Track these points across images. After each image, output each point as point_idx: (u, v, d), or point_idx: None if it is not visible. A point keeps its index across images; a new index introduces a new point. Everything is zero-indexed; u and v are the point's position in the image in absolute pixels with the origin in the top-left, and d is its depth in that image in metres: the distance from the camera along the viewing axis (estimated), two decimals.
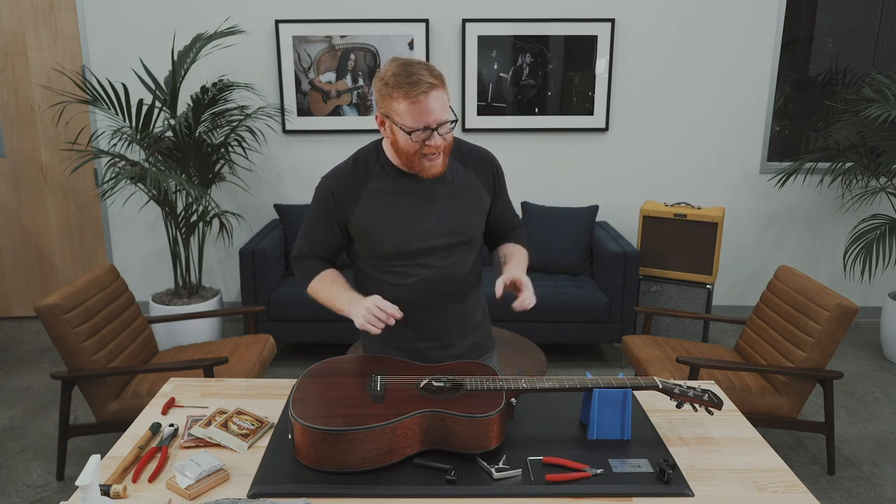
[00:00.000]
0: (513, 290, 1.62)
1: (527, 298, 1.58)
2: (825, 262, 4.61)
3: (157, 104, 4.02)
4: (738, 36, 4.24)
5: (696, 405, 1.57)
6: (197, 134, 3.74)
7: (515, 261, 1.70)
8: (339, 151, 4.41)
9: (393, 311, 1.50)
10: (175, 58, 4.11)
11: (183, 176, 3.70)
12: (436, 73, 1.49)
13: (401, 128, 1.50)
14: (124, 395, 2.70)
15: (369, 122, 4.33)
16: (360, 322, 1.51)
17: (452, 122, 1.53)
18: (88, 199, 4.45)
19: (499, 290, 1.58)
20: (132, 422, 2.54)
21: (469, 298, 1.75)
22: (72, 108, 4.30)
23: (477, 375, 1.54)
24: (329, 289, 1.66)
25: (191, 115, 3.63)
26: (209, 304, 3.91)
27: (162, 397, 1.75)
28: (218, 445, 1.51)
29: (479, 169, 1.70)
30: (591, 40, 4.21)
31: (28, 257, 4.51)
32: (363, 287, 1.73)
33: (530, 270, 4.19)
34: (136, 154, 4.32)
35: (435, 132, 1.50)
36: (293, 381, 1.85)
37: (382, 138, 1.66)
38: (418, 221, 1.62)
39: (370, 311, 1.50)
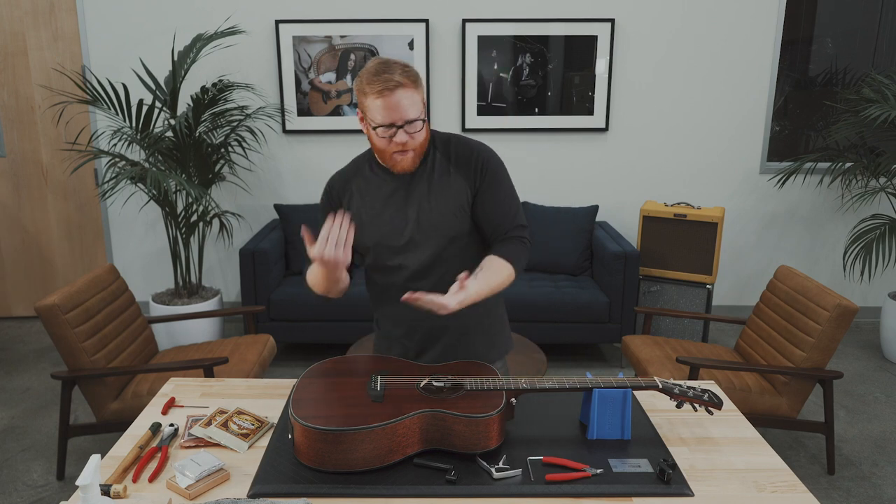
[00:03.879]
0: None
1: (441, 298, 1.42)
2: (825, 262, 4.61)
3: (157, 104, 4.02)
4: (738, 36, 4.24)
5: (696, 405, 1.57)
6: (197, 134, 3.74)
7: (482, 276, 1.53)
8: (339, 151, 4.41)
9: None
10: (175, 58, 4.11)
11: (183, 176, 3.69)
12: (408, 73, 1.51)
13: (370, 123, 1.53)
14: (124, 395, 2.70)
15: None
16: (316, 255, 1.42)
17: (420, 121, 1.54)
18: (88, 199, 4.45)
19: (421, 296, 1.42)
20: (132, 422, 2.55)
21: None
22: (72, 108, 4.30)
23: (477, 375, 1.54)
24: (315, 269, 1.62)
25: (191, 115, 3.62)
26: (209, 304, 3.91)
27: (162, 397, 1.75)
28: (218, 445, 1.51)
29: (460, 164, 1.64)
30: (591, 40, 4.21)
31: (28, 257, 4.51)
32: (369, 289, 1.79)
33: (530, 271, 4.18)
34: (137, 154, 4.32)
35: (401, 130, 1.52)
36: (293, 381, 1.85)
37: None
38: (395, 219, 1.64)
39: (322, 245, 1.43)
